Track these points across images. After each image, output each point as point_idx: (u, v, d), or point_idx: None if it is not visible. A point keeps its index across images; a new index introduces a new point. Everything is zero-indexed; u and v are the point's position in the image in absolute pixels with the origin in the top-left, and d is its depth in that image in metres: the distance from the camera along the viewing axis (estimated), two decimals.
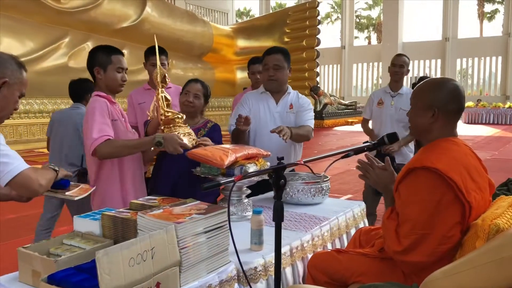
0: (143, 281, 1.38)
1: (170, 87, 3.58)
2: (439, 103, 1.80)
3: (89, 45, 13.58)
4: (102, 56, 2.49)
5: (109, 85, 2.52)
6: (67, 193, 1.99)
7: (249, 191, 2.48)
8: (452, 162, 1.71)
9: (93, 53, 2.54)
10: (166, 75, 2.66)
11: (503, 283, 1.23)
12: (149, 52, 3.74)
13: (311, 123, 3.19)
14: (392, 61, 4.25)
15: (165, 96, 2.50)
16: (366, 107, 4.47)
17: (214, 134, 2.90)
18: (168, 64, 3.75)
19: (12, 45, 11.39)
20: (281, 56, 3.09)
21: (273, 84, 3.13)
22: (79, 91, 3.87)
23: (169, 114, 2.45)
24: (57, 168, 1.94)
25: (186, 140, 2.37)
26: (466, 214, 1.67)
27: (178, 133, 2.41)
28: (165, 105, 2.48)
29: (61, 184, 1.99)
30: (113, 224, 1.76)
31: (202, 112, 2.98)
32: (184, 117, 2.57)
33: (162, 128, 2.49)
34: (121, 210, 1.87)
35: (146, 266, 1.40)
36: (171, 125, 2.44)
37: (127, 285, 1.33)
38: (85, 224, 1.82)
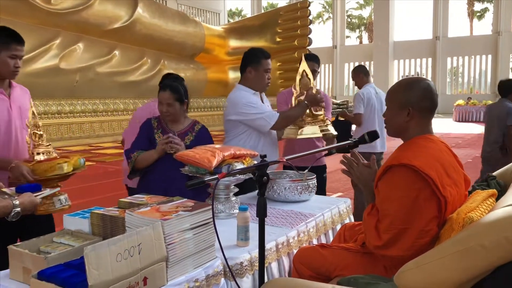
0: (130, 276, 1.44)
1: (15, 86, 2.69)
2: (413, 101, 1.87)
3: (80, 46, 13.55)
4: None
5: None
6: (44, 192, 2.02)
7: (236, 189, 2.54)
8: (429, 159, 1.77)
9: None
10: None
11: (469, 272, 1.30)
12: (12, 40, 2.52)
13: None
14: None
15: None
16: None
17: (203, 141, 2.83)
18: None
19: None
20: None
21: (267, 88, 3.29)
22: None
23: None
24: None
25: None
26: (442, 209, 1.74)
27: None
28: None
29: (35, 188, 2.03)
30: (102, 222, 1.81)
31: (185, 112, 2.93)
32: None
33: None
34: (110, 208, 1.92)
35: (133, 261, 1.45)
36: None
37: (114, 279, 1.38)
38: (74, 222, 1.87)
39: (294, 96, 3.38)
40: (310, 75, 3.31)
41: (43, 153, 2.38)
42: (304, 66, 3.31)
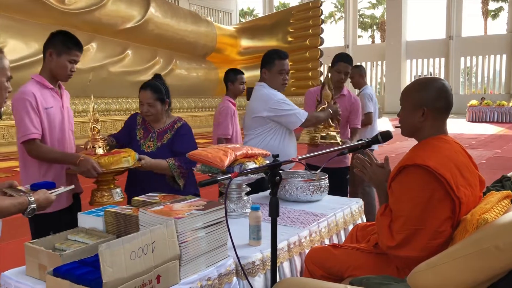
0: (144, 273, 1.45)
1: (63, 88, 2.71)
2: (427, 102, 1.85)
3: (93, 46, 13.67)
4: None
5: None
6: (59, 190, 2.03)
7: (248, 189, 2.54)
8: (443, 159, 1.76)
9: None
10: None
11: (483, 273, 1.29)
12: (73, 44, 2.56)
13: None
14: None
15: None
16: None
17: (178, 138, 2.82)
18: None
19: (17, 46, 11.48)
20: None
21: (285, 88, 3.33)
22: None
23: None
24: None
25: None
26: (456, 210, 1.73)
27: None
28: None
29: (50, 185, 2.05)
30: (116, 220, 1.83)
31: (168, 111, 2.90)
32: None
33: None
34: (123, 206, 1.94)
35: (147, 259, 1.46)
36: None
37: (128, 277, 1.40)
38: (89, 220, 1.89)
39: (316, 106, 3.48)
40: (331, 88, 3.43)
41: (101, 147, 2.54)
42: (327, 79, 3.42)
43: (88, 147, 2.56)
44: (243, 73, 4.48)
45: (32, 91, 2.43)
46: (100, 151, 2.52)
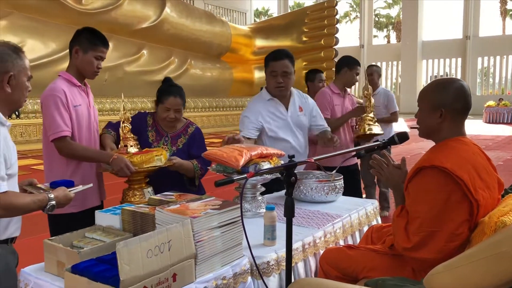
0: (160, 272, 1.47)
1: (88, 86, 2.74)
2: (446, 103, 1.84)
3: (109, 46, 13.81)
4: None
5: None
6: (78, 188, 2.05)
7: (263, 189, 2.55)
8: (461, 161, 1.74)
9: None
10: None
11: (501, 277, 1.27)
12: (99, 40, 2.59)
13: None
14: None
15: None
16: None
17: (195, 143, 2.84)
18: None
19: (35, 46, 11.66)
20: (289, 62, 3.04)
21: (283, 92, 3.11)
22: None
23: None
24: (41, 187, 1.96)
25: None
26: (474, 212, 1.71)
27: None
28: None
29: (68, 183, 2.08)
30: (133, 219, 1.85)
31: None
32: None
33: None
34: (140, 205, 1.96)
35: (163, 257, 1.48)
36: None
37: (145, 275, 1.41)
38: (106, 218, 1.92)
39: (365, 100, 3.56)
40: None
41: (133, 146, 2.56)
42: (366, 83, 3.57)
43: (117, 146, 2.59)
44: (322, 72, 4.70)
45: (62, 88, 2.45)
46: (132, 149, 2.53)
